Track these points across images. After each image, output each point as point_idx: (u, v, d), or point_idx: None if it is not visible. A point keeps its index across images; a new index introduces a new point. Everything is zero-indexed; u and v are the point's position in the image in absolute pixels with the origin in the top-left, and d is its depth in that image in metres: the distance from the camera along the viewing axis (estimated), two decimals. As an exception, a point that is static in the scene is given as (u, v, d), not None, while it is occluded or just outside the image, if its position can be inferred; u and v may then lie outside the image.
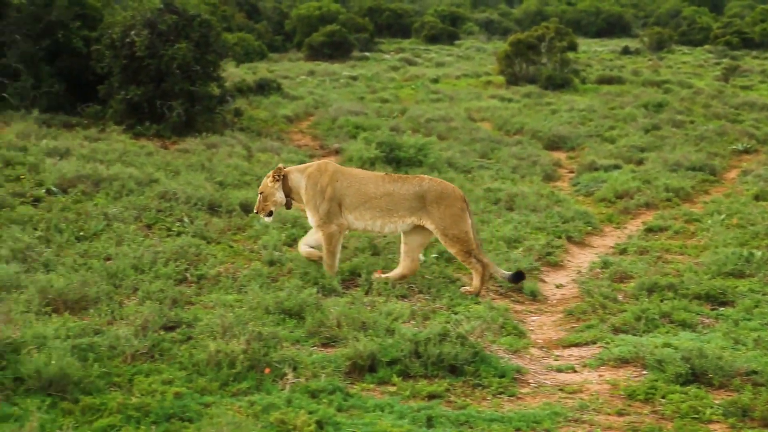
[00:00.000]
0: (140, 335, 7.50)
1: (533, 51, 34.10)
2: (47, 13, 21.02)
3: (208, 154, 17.03)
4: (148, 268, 9.61)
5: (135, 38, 19.90)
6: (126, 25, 20.32)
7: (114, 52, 20.24)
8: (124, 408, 6.24)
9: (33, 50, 20.86)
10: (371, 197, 10.01)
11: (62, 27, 21.10)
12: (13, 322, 7.30)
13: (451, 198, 9.95)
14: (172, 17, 20.35)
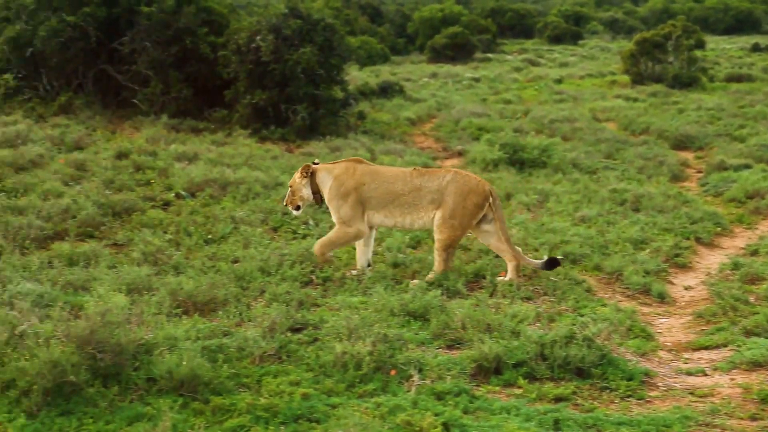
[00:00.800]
0: (268, 337, 7.60)
1: (659, 49, 33.50)
2: (176, 21, 21.47)
3: (332, 157, 17.16)
4: (275, 271, 9.73)
5: (260, 43, 20.19)
6: (251, 30, 20.64)
7: (240, 57, 20.57)
8: (253, 408, 6.32)
9: (162, 57, 21.34)
10: (399, 194, 10.08)
11: (190, 34, 21.53)
12: (146, 324, 7.46)
13: (470, 193, 9.97)
14: (297, 22, 20.58)
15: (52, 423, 5.99)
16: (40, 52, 21.82)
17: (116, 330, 6.76)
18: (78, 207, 11.67)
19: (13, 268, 9.06)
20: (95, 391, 6.29)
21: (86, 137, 17.78)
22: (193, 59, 21.72)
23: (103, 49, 22.08)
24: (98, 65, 22.12)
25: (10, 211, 11.41)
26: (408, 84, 31.21)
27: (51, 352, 6.26)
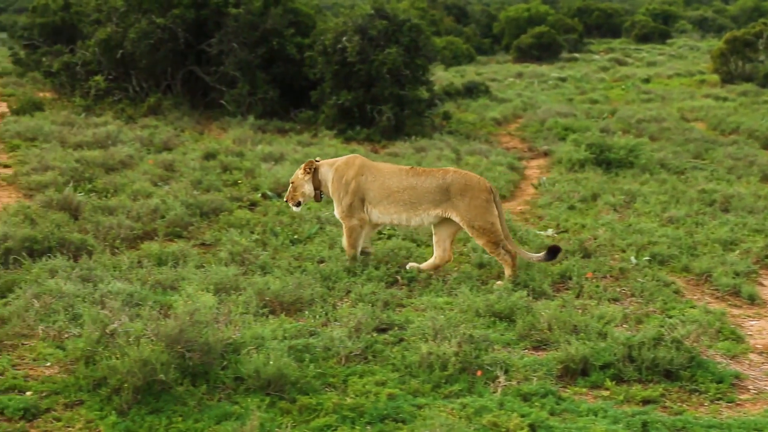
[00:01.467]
0: (354, 337, 7.62)
1: (750, 48, 32.92)
2: (263, 22, 21.66)
3: (417, 157, 17.17)
4: (360, 271, 9.76)
5: (346, 44, 20.28)
6: (338, 31, 20.73)
7: (326, 58, 20.69)
8: (340, 408, 6.35)
9: (249, 58, 21.55)
10: (394, 191, 10.13)
11: (277, 35, 21.72)
12: (233, 323, 7.54)
13: (475, 189, 9.96)
14: (383, 23, 20.63)
15: (143, 421, 6.07)
16: (130, 54, 22.19)
17: (204, 329, 6.84)
18: (167, 207, 11.83)
19: (104, 268, 9.22)
20: (184, 389, 6.37)
21: (175, 138, 18.02)
22: (280, 60, 21.91)
23: (191, 50, 22.38)
24: (186, 66, 22.43)
25: (101, 211, 11.60)
26: (493, 84, 31.10)
27: (141, 351, 6.35)
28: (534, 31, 45.73)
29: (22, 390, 6.52)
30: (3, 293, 8.58)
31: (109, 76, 22.72)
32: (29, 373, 6.86)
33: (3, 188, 13.80)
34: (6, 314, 7.85)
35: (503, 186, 14.92)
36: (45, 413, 6.20)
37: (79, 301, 7.99)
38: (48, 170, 14.07)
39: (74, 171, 14.09)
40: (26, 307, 7.89)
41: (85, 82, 22.88)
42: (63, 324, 7.56)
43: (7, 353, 7.21)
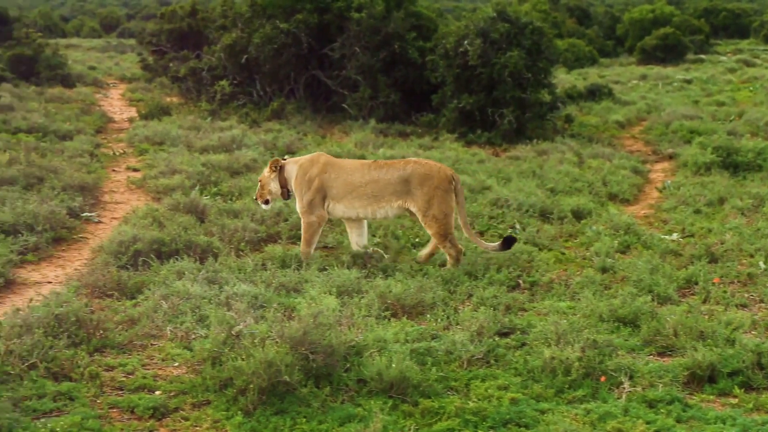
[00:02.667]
0: (476, 341, 7.61)
1: None
2: (385, 26, 21.76)
3: (539, 161, 17.05)
4: (482, 275, 9.73)
5: (468, 47, 20.25)
6: (459, 34, 20.70)
7: (447, 61, 20.69)
8: (462, 412, 6.34)
9: (371, 62, 21.67)
10: (358, 186, 10.37)
11: (399, 39, 21.79)
12: (356, 326, 7.59)
13: (435, 179, 10.20)
14: (505, 25, 20.53)
15: (268, 421, 6.16)
16: (254, 58, 22.54)
17: (328, 331, 6.91)
18: (290, 210, 11.96)
19: (230, 270, 9.37)
20: (308, 391, 6.44)
21: (297, 142, 18.22)
22: (402, 64, 21.98)
23: (314, 54, 22.61)
24: (309, 71, 22.68)
25: (226, 214, 11.80)
26: (617, 86, 30.65)
27: (266, 353, 6.44)
28: (659, 32, 44.93)
29: (151, 389, 6.68)
30: (133, 294, 8.80)
31: (234, 80, 23.11)
32: (158, 372, 7.02)
33: (132, 191, 14.15)
34: (136, 315, 8.05)
35: (627, 189, 14.73)
36: (173, 412, 6.34)
37: (205, 302, 8.15)
38: (175, 174, 14.38)
39: (200, 174, 14.37)
40: (155, 308, 8.08)
41: (211, 87, 23.31)
42: (190, 325, 7.72)
43: (137, 353, 7.39)
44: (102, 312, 8.10)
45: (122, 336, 7.63)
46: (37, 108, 21.81)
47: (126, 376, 6.91)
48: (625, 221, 12.07)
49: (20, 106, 21.75)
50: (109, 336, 7.55)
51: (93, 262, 10.05)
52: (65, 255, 10.77)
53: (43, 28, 48.77)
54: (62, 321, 7.32)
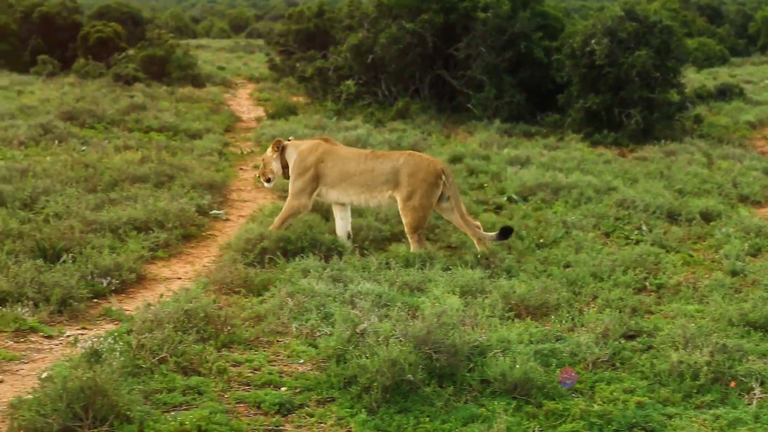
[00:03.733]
0: (601, 343, 7.51)
1: None
2: (511, 26, 21.68)
3: (667, 161, 16.78)
4: (607, 276, 9.62)
5: (595, 47, 20.04)
6: (586, 34, 20.51)
7: (573, 61, 20.52)
8: (587, 415, 6.27)
9: (496, 62, 21.62)
10: (353, 174, 10.70)
11: (525, 38, 21.69)
12: (479, 326, 7.58)
13: (423, 172, 10.46)
14: (633, 24, 20.26)
15: (391, 420, 6.18)
16: (380, 58, 22.67)
17: (451, 331, 6.91)
18: (413, 210, 11.98)
19: (354, 269, 9.43)
20: (431, 390, 6.45)
21: (422, 141, 18.24)
22: (527, 64, 21.88)
23: (439, 54, 22.64)
24: (434, 71, 22.72)
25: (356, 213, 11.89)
26: (748, 86, 29.95)
27: (390, 351, 6.47)
28: (793, 30, 43.77)
29: (277, 385, 6.76)
30: (259, 291, 8.93)
31: (359, 80, 23.28)
32: (284, 369, 7.11)
33: (259, 190, 14.36)
34: (262, 312, 8.16)
35: (758, 191, 14.38)
36: (299, 409, 6.40)
37: (330, 300, 8.22)
38: (301, 173, 14.51)
39: (326, 173, 14.48)
40: (281, 305, 8.18)
41: (337, 87, 23.53)
42: (315, 322, 7.80)
43: (263, 349, 7.50)
44: (229, 308, 8.25)
45: (249, 332, 7.75)
46: (168, 107, 22.31)
47: (252, 371, 7.01)
48: (756, 224, 11.81)
49: (152, 105, 22.27)
50: (236, 332, 7.67)
51: (221, 259, 10.23)
52: (194, 252, 11.00)
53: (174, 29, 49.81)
54: (191, 316, 7.47)
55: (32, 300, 8.33)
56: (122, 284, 9.27)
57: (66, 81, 27.25)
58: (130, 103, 21.92)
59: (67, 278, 8.69)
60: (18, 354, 7.35)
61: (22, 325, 7.87)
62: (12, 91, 24.55)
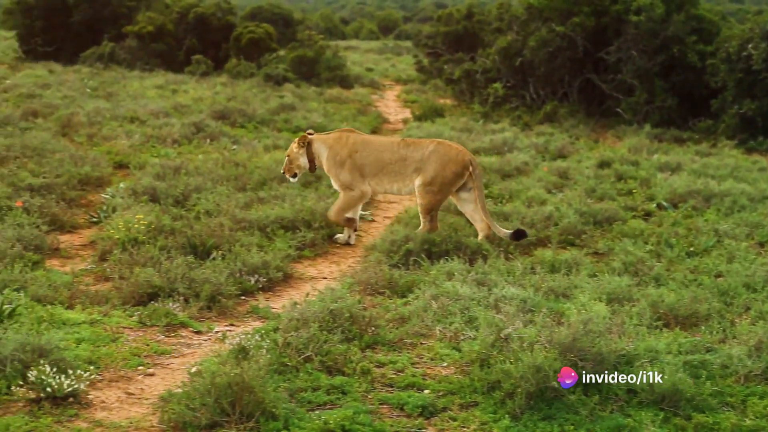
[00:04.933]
0: (754, 356, 7.27)
1: None
2: (664, 29, 21.28)
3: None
4: (761, 287, 9.32)
5: (752, 51, 19.52)
6: (743, 38, 19.99)
7: (729, 65, 20.01)
8: (738, 429, 6.10)
9: (648, 66, 21.25)
10: (387, 163, 11.01)
11: (678, 42, 21.27)
12: (626, 335, 7.43)
13: (449, 161, 10.80)
14: (791, 28, 19.70)
15: (535, 426, 6.12)
16: (528, 61, 22.54)
17: (597, 339, 6.79)
18: (560, 215, 11.86)
19: (498, 272, 9.36)
20: (576, 398, 6.35)
21: (569, 146, 18.06)
22: (680, 68, 21.43)
23: (589, 58, 22.38)
24: (584, 74, 22.46)
25: (496, 216, 11.83)
26: None
27: (534, 357, 6.40)
28: None
29: (420, 388, 6.76)
30: (403, 293, 8.95)
31: (507, 83, 23.20)
32: (427, 371, 7.10)
33: (405, 191, 14.39)
34: (406, 314, 8.18)
35: None
36: (441, 412, 6.39)
37: (474, 304, 8.17)
38: (447, 175, 14.52)
39: (472, 176, 14.45)
40: (425, 307, 8.18)
41: (484, 90, 23.49)
42: (459, 326, 7.77)
43: (407, 351, 7.51)
44: (374, 309, 8.28)
45: (393, 334, 7.76)
46: (316, 108, 22.61)
47: (396, 373, 7.02)
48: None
49: (301, 105, 22.60)
50: (380, 333, 7.70)
51: (366, 259, 10.29)
52: (340, 252, 11.09)
53: (324, 30, 50.51)
54: (337, 316, 7.53)
55: (183, 296, 8.53)
56: (269, 282, 9.41)
57: (218, 81, 27.86)
58: (280, 103, 22.29)
59: (217, 275, 8.87)
60: (169, 348, 7.54)
61: (173, 320, 8.07)
62: (167, 90, 25.20)
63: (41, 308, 7.92)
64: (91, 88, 24.43)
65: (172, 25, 33.11)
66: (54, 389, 6.21)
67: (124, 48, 32.27)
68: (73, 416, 6.14)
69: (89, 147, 16.04)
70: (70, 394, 6.28)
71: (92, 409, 6.28)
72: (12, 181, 12.23)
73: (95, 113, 19.22)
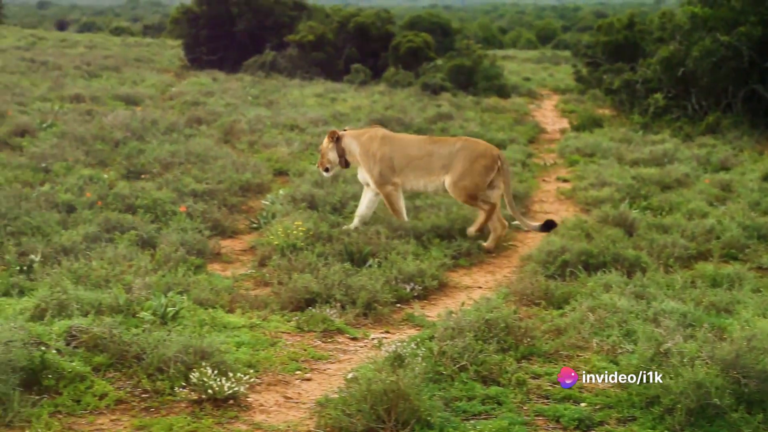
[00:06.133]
0: None
1: None
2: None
3: None
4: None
5: None
6: None
7: None
8: None
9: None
10: (413, 158, 11.33)
11: None
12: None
13: (479, 157, 11.14)
14: None
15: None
16: (691, 72, 22.06)
17: (762, 356, 6.59)
18: (722, 228, 11.57)
19: (657, 286, 9.19)
20: (739, 416, 6.17)
21: (732, 158, 17.59)
22: None
23: (755, 68, 21.75)
24: (749, 85, 21.84)
25: (655, 228, 11.61)
26: None
27: (695, 373, 6.25)
28: None
29: (577, 400, 6.68)
30: (559, 304, 8.86)
31: (668, 93, 22.75)
32: (584, 384, 7.02)
33: (561, 202, 14.29)
34: (562, 325, 8.09)
35: None
36: (598, 426, 6.29)
37: (632, 317, 8.03)
38: (605, 186, 14.36)
39: (630, 188, 14.25)
40: (581, 319, 8.08)
41: (644, 100, 23.10)
42: (616, 339, 7.64)
43: (563, 363, 7.43)
44: (529, 320, 8.22)
45: (548, 345, 7.69)
46: (473, 117, 22.62)
47: (552, 385, 6.95)
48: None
49: (458, 115, 22.65)
50: (536, 344, 7.64)
51: (522, 270, 10.23)
52: (495, 261, 11.05)
53: (481, 39, 50.48)
54: (492, 326, 7.51)
55: (339, 302, 8.64)
56: (424, 290, 9.45)
57: (376, 89, 28.12)
58: (437, 112, 22.38)
59: (373, 282, 8.95)
60: (326, 354, 7.64)
61: (330, 326, 8.18)
62: (326, 98, 25.57)
63: (203, 311, 8.12)
64: (253, 96, 24.98)
65: (332, 35, 33.59)
66: (215, 391, 6.37)
67: (285, 57, 32.91)
68: (233, 418, 6.28)
69: (250, 154, 16.41)
70: (230, 397, 6.43)
71: (251, 412, 6.41)
72: (176, 187, 12.61)
73: (256, 121, 19.66)
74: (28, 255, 9.43)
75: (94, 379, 6.53)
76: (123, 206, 11.57)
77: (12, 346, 6.30)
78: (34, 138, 16.07)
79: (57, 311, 7.56)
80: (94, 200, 11.62)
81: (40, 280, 8.64)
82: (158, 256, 9.65)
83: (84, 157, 14.57)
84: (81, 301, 7.70)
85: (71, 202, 11.43)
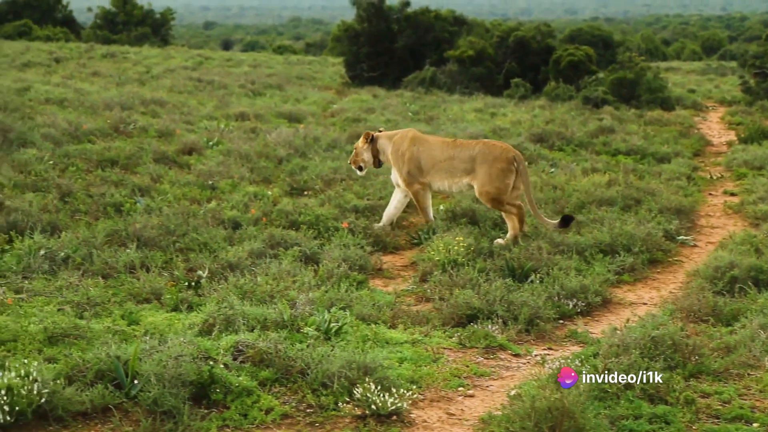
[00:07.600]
0: None
1: None
2: None
3: None
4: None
5: None
6: None
7: None
8: None
9: None
10: (438, 161, 11.75)
11: None
12: None
13: (496, 159, 11.38)
14: None
15: None
16: None
17: None
18: None
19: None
20: None
21: None
22: None
23: None
24: None
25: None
26: None
27: None
28: None
29: (749, 421, 6.47)
30: (728, 321, 8.61)
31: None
32: (755, 404, 6.79)
33: (729, 216, 13.90)
34: (732, 343, 7.86)
35: None
36: (771, 447, 6.10)
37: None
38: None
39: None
40: (752, 337, 7.84)
41: (817, 110, 22.31)
42: (790, 357, 7.39)
43: (733, 382, 7.21)
44: (697, 337, 8.01)
45: (718, 363, 7.48)
46: (636, 130, 22.21)
47: (722, 404, 6.76)
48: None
49: (620, 128, 22.29)
50: (704, 362, 7.44)
51: (688, 285, 9.98)
52: (660, 277, 10.82)
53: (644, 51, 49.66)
54: (658, 343, 7.34)
55: (501, 318, 8.59)
56: (588, 307, 9.32)
57: (536, 103, 27.90)
58: (599, 126, 22.07)
59: (535, 298, 8.88)
60: (488, 370, 7.60)
61: (492, 342, 8.14)
62: (486, 113, 25.50)
63: (365, 327, 8.17)
64: (413, 112, 25.10)
65: (492, 49, 33.52)
66: (378, 407, 6.40)
67: (445, 72, 32.99)
68: (397, 434, 6.31)
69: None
70: (393, 412, 6.45)
71: (414, 428, 6.43)
72: (338, 203, 12.76)
73: (417, 137, 19.71)
74: (196, 271, 9.71)
75: (260, 394, 6.65)
76: (286, 222, 11.76)
77: (182, 361, 6.48)
78: (201, 156, 16.50)
79: (224, 326, 7.75)
80: (258, 217, 11.86)
81: (208, 295, 8.86)
82: (321, 271, 9.78)
83: (249, 174, 14.88)
84: (247, 316, 7.87)
85: (237, 219, 11.68)
